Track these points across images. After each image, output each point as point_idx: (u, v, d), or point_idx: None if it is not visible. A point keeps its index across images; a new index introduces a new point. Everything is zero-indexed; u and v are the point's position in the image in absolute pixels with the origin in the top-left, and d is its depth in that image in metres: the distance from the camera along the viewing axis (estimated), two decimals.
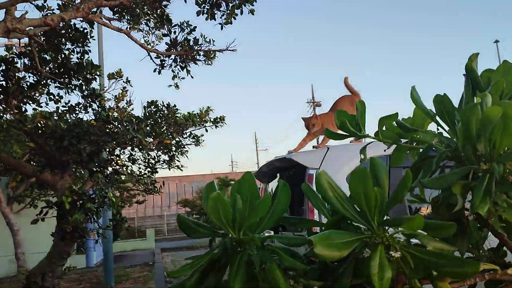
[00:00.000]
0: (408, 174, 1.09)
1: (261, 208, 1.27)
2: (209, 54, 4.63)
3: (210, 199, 1.24)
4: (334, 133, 1.65)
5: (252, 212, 1.27)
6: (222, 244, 1.23)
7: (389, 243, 1.07)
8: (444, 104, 1.42)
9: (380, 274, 1.01)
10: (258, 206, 1.27)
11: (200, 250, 17.52)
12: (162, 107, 5.18)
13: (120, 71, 5.41)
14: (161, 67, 4.77)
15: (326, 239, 1.03)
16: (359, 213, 1.12)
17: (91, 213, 4.08)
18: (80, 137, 4.12)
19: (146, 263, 11.71)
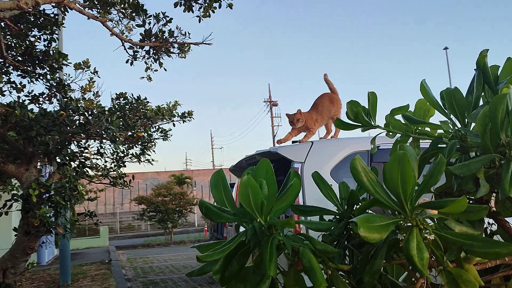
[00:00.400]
0: (441, 159, 1.13)
1: (291, 194, 1.28)
2: (184, 47, 4.56)
3: (241, 184, 1.24)
4: (345, 123, 1.69)
5: (282, 198, 1.28)
6: (251, 229, 1.23)
7: (422, 226, 1.11)
8: (455, 97, 1.48)
9: (419, 255, 1.04)
10: (288, 192, 1.28)
11: (156, 248, 17.24)
12: (132, 99, 5.05)
13: (88, 61, 5.22)
14: (133, 58, 4.66)
15: (369, 222, 1.05)
16: (391, 197, 1.16)
17: (60, 207, 3.92)
18: (48, 128, 3.94)
19: (102, 261, 11.38)
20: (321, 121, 3.41)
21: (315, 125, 3.34)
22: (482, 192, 1.18)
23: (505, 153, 1.23)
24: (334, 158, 2.97)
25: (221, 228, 8.24)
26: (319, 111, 3.39)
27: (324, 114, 3.40)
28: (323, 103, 3.46)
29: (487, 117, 1.24)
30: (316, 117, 3.31)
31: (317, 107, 3.42)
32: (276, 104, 37.22)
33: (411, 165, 1.07)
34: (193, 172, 39.05)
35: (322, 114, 3.38)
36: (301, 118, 3.19)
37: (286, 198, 1.28)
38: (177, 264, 11.26)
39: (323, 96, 3.54)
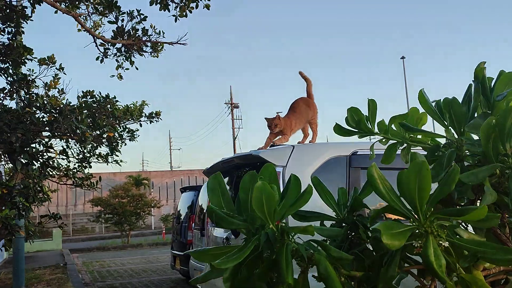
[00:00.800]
0: (456, 167, 1.15)
1: (304, 201, 1.27)
2: (157, 46, 4.47)
3: (256, 189, 1.22)
4: (345, 129, 1.70)
5: (295, 204, 1.27)
6: (264, 235, 1.21)
7: (437, 233, 1.13)
8: (453, 107, 1.53)
9: (437, 262, 1.06)
10: (302, 198, 1.27)
11: (112, 251, 16.77)
12: (100, 98, 4.89)
13: (53, 56, 5.01)
14: (104, 56, 4.51)
15: (390, 229, 1.06)
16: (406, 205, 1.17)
17: (23, 208, 3.73)
18: (12, 125, 3.74)
19: (57, 265, 10.95)
20: (299, 126, 3.43)
21: (293, 130, 3.35)
22: (489, 200, 1.21)
23: (508, 163, 1.28)
24: (314, 162, 3.00)
25: (185, 231, 8.13)
26: (296, 116, 3.41)
27: (302, 118, 3.42)
28: (300, 108, 3.49)
29: (491, 127, 1.28)
30: (294, 122, 3.33)
31: (294, 111, 3.44)
32: (237, 106, 37.27)
33: (429, 173, 1.09)
34: (150, 174, 38.37)
35: (300, 119, 3.41)
36: (279, 123, 3.20)
37: (298, 205, 1.27)
38: (136, 268, 11.01)
39: (300, 100, 3.56)
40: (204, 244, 6.23)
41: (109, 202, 17.62)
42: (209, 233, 3.96)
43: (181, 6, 4.17)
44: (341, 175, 3.07)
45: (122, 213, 17.48)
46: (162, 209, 25.37)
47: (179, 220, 8.80)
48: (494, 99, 1.49)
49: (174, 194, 37.53)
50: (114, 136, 4.49)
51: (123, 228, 18.04)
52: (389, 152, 1.73)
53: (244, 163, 3.40)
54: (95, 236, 26.26)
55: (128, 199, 17.95)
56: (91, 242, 20.76)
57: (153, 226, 30.34)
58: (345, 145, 3.17)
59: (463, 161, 1.48)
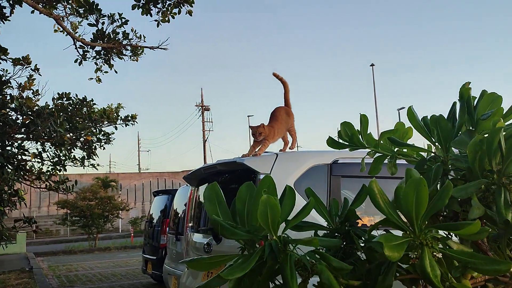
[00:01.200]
0: (449, 183, 1.23)
1: (305, 213, 1.33)
2: (137, 50, 4.45)
3: (261, 203, 1.27)
4: (337, 142, 1.78)
5: (298, 217, 1.33)
6: (268, 246, 1.26)
7: (431, 244, 1.21)
8: (440, 124, 1.62)
9: (433, 272, 1.14)
10: (304, 211, 1.33)
11: (79, 255, 16.39)
12: (77, 100, 4.82)
13: (28, 57, 4.91)
14: (83, 58, 4.45)
15: (391, 241, 1.13)
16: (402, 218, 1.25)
17: None
18: None
19: (22, 269, 10.63)
20: (280, 135, 3.49)
21: (274, 138, 3.41)
22: (477, 213, 1.30)
23: (492, 179, 1.38)
24: (297, 170, 3.07)
25: (157, 235, 8.06)
26: (278, 124, 3.47)
27: (283, 127, 3.49)
28: (282, 116, 3.55)
29: (477, 145, 1.38)
30: (277, 131, 3.39)
31: (277, 120, 3.50)
32: (208, 108, 37.17)
33: (427, 189, 1.17)
34: (118, 175, 37.71)
35: (281, 128, 3.47)
36: (264, 132, 3.26)
37: (300, 217, 1.33)
38: (105, 272, 10.82)
39: (280, 109, 3.62)
40: (179, 248, 6.21)
41: (76, 205, 17.22)
42: (189, 238, 3.97)
43: (163, 11, 4.18)
44: (322, 183, 3.15)
45: (90, 216, 17.12)
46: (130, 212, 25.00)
47: (151, 224, 8.72)
48: (477, 117, 1.59)
49: (143, 197, 37.02)
50: (92, 140, 4.43)
51: (90, 231, 17.67)
52: (375, 163, 1.81)
53: (227, 169, 3.44)
54: (60, 239, 25.58)
55: (96, 201, 17.60)
56: (56, 245, 20.22)
57: (120, 229, 29.82)
58: (326, 154, 3.26)
59: (448, 175, 1.58)
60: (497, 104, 1.60)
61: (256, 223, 1.34)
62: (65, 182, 4.62)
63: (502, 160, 1.34)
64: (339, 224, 1.65)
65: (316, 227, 1.64)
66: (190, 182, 4.19)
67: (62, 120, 3.98)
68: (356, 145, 1.71)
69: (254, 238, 1.31)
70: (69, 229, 27.32)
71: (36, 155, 4.46)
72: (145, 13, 4.18)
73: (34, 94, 4.82)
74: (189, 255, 3.99)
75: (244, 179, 3.33)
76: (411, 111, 1.72)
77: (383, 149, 1.75)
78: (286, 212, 1.43)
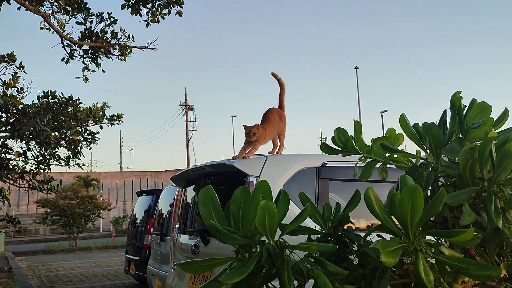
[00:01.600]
0: (442, 191, 1.27)
1: (302, 218, 1.35)
2: (126, 50, 4.42)
3: (260, 208, 1.29)
4: (331, 148, 1.80)
5: (294, 222, 1.34)
6: (266, 251, 1.28)
7: (425, 250, 1.24)
8: (431, 131, 1.66)
9: (427, 278, 1.17)
10: (301, 216, 1.34)
11: (59, 254, 16.14)
12: (63, 99, 4.76)
13: (13, 54, 4.84)
14: (70, 57, 4.39)
15: (386, 247, 1.16)
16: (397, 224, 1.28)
17: None
18: None
19: (1, 269, 10.43)
20: (270, 137, 3.50)
21: (265, 140, 3.42)
22: (468, 220, 1.34)
23: (482, 186, 1.42)
24: (286, 173, 3.09)
25: (141, 235, 8.00)
26: (270, 127, 3.48)
27: (275, 129, 3.50)
28: (275, 119, 3.55)
29: (468, 153, 1.42)
30: (268, 133, 3.40)
31: (269, 122, 3.50)
32: (192, 108, 37.01)
33: (422, 197, 1.20)
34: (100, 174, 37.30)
35: (273, 130, 3.48)
36: (257, 133, 3.26)
37: (297, 222, 1.35)
38: (86, 272, 10.69)
39: (274, 111, 3.62)
40: (163, 249, 6.17)
41: (57, 204, 16.96)
42: (175, 240, 3.96)
43: (153, 11, 4.16)
44: (311, 186, 3.18)
45: (71, 215, 16.89)
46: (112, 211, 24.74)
47: (135, 224, 8.64)
48: (468, 126, 1.64)
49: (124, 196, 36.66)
50: (78, 139, 4.38)
51: (71, 230, 17.43)
52: (367, 168, 1.84)
53: (216, 171, 3.44)
54: (39, 238, 25.16)
55: (77, 200, 17.37)
56: (35, 245, 19.90)
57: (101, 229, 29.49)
58: (315, 157, 3.29)
59: (438, 181, 1.62)
60: (486, 113, 1.64)
61: (251, 227, 1.35)
62: (50, 182, 4.56)
63: (493, 168, 1.37)
64: (332, 228, 1.67)
65: (311, 231, 1.67)
66: (178, 183, 4.18)
67: (48, 119, 3.92)
68: (349, 150, 1.74)
69: (251, 242, 1.32)
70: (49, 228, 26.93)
71: (20, 154, 4.39)
72: (135, 13, 4.15)
73: (19, 92, 4.75)
74: (175, 257, 3.98)
75: (233, 182, 3.37)
76: (403, 118, 1.76)
77: (375, 155, 1.78)
78: (280, 216, 1.45)
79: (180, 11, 4.20)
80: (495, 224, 1.26)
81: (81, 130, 4.67)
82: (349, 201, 1.68)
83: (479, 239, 1.26)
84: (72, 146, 4.41)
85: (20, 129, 3.61)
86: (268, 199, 1.43)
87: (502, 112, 1.65)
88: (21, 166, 5.06)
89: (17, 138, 3.99)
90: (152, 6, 4.13)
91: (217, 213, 1.51)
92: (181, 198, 4.12)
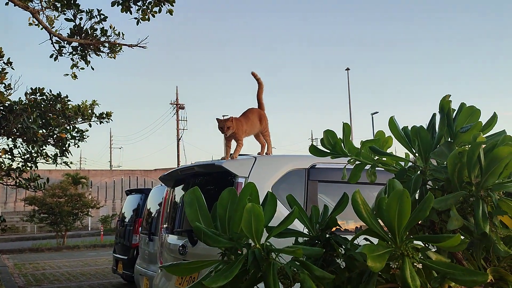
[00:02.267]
0: (430, 196, 1.26)
1: (289, 222, 1.34)
2: (115, 47, 4.37)
3: (246, 211, 1.27)
4: (319, 150, 1.79)
5: (281, 225, 1.33)
6: (251, 255, 1.26)
7: (412, 255, 1.23)
8: (420, 135, 1.66)
9: (413, 283, 1.16)
10: (288, 220, 1.33)
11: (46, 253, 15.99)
12: (51, 96, 4.70)
13: (1, 49, 4.77)
14: (59, 54, 4.33)
15: (373, 252, 1.14)
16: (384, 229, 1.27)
17: None
18: None
19: None
20: (249, 133, 3.47)
21: (245, 133, 3.39)
22: (455, 225, 1.33)
23: (470, 191, 1.41)
24: (276, 174, 3.08)
25: (129, 234, 7.94)
26: (249, 122, 3.45)
27: (254, 127, 3.46)
28: (253, 117, 3.52)
29: (457, 158, 1.41)
30: (245, 128, 3.38)
31: (247, 118, 3.48)
32: (183, 107, 36.86)
33: (410, 201, 1.19)
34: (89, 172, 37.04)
35: (252, 126, 3.45)
36: (231, 126, 3.22)
37: (284, 225, 1.33)
38: (73, 271, 10.59)
39: (253, 111, 3.59)
40: (151, 249, 6.13)
41: (45, 201, 16.78)
42: (163, 240, 3.93)
43: (143, 9, 4.12)
44: (300, 187, 3.17)
45: (59, 213, 16.72)
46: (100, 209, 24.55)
47: (123, 223, 8.58)
48: (456, 130, 1.63)
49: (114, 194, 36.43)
50: (66, 137, 4.33)
51: (59, 228, 17.26)
52: (355, 171, 1.83)
53: (205, 172, 3.42)
54: (26, 236, 24.90)
55: (65, 198, 17.21)
56: (22, 243, 19.71)
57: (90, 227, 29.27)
58: (305, 158, 3.28)
59: (426, 185, 1.62)
60: (475, 117, 1.64)
61: (238, 230, 1.33)
62: (36, 180, 4.50)
63: (481, 173, 1.37)
64: (319, 231, 1.66)
65: (298, 234, 1.65)
66: (166, 183, 4.14)
67: (36, 116, 3.87)
68: (338, 153, 1.73)
69: (237, 246, 1.31)
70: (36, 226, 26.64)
71: (6, 151, 4.33)
72: (125, 11, 4.11)
73: (6, 88, 4.68)
74: (163, 257, 3.95)
75: (222, 182, 3.34)
76: (392, 121, 1.75)
77: (364, 157, 1.77)
78: (267, 218, 1.44)
79: (171, 9, 4.17)
80: (482, 229, 1.25)
81: (69, 128, 4.63)
82: (337, 204, 1.67)
83: (466, 244, 1.25)
84: (60, 144, 4.35)
85: (6, 126, 3.56)
86: (255, 201, 1.42)
87: (491, 117, 1.65)
88: (7, 163, 4.98)
89: (4, 135, 3.93)
90: (143, 4, 4.09)
91: (203, 215, 1.50)
92: (170, 198, 4.09)
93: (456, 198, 1.38)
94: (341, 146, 1.67)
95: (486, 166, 1.31)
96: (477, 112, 1.64)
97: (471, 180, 1.39)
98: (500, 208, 1.31)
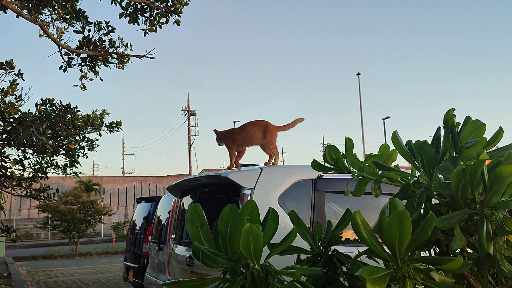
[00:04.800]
0: (432, 216, 1.23)
1: (288, 242, 1.32)
2: (124, 58, 4.40)
3: (244, 232, 1.26)
4: (322, 165, 1.77)
5: (280, 245, 1.31)
6: (250, 276, 1.25)
7: (413, 276, 1.21)
8: (424, 149, 1.63)
9: None
10: (287, 240, 1.31)
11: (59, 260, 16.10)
12: (61, 107, 4.75)
13: (12, 61, 4.83)
14: (68, 65, 4.38)
15: (372, 274, 1.12)
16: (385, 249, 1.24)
17: None
18: None
19: (0, 275, 10.40)
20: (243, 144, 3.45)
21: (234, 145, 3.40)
22: (459, 245, 1.30)
23: (474, 209, 1.38)
24: (282, 185, 3.06)
25: (140, 243, 7.95)
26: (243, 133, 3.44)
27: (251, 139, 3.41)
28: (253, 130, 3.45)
29: (461, 175, 1.38)
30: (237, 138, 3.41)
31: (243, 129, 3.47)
32: (194, 113, 36.98)
33: (410, 222, 1.17)
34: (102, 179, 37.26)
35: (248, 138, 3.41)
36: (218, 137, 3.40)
37: (283, 246, 1.31)
38: (85, 279, 10.63)
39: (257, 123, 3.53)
40: (161, 258, 6.13)
41: (58, 209, 16.92)
42: (171, 250, 3.93)
43: (151, 20, 4.15)
44: (307, 198, 3.14)
45: (71, 220, 16.85)
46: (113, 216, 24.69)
47: (134, 231, 8.59)
48: (461, 144, 1.60)
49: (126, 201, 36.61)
50: (75, 148, 4.36)
51: (71, 235, 17.39)
52: (359, 186, 1.81)
53: (211, 182, 3.42)
54: (40, 243, 25.10)
55: (78, 205, 17.34)
56: (36, 249, 19.86)
57: (102, 234, 29.43)
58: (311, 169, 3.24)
59: (431, 200, 1.58)
60: (480, 131, 1.60)
61: (238, 248, 1.32)
62: (46, 190, 4.54)
63: (485, 191, 1.34)
64: (322, 248, 1.64)
65: (299, 251, 1.63)
66: (174, 193, 4.15)
67: (45, 128, 3.91)
68: (340, 168, 1.71)
69: (235, 266, 1.29)
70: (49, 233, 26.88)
71: (17, 162, 4.37)
72: (133, 22, 4.14)
73: (17, 99, 4.74)
74: (171, 267, 3.94)
75: (228, 193, 3.33)
76: (395, 136, 1.73)
77: (368, 172, 1.75)
78: (269, 235, 1.42)
79: (178, 20, 4.19)
80: (486, 250, 1.22)
81: (79, 138, 4.67)
82: (340, 221, 1.64)
83: (470, 266, 1.22)
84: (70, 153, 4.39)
85: (16, 137, 3.60)
86: (255, 220, 1.40)
87: (496, 131, 1.61)
88: (18, 174, 5.04)
89: (14, 146, 3.98)
90: (150, 15, 4.13)
91: (204, 232, 1.49)
92: (177, 208, 4.09)
93: (460, 216, 1.35)
94: (343, 161, 1.65)
95: (490, 184, 1.28)
96: (482, 127, 1.60)
97: (475, 197, 1.36)
98: (505, 227, 1.28)
